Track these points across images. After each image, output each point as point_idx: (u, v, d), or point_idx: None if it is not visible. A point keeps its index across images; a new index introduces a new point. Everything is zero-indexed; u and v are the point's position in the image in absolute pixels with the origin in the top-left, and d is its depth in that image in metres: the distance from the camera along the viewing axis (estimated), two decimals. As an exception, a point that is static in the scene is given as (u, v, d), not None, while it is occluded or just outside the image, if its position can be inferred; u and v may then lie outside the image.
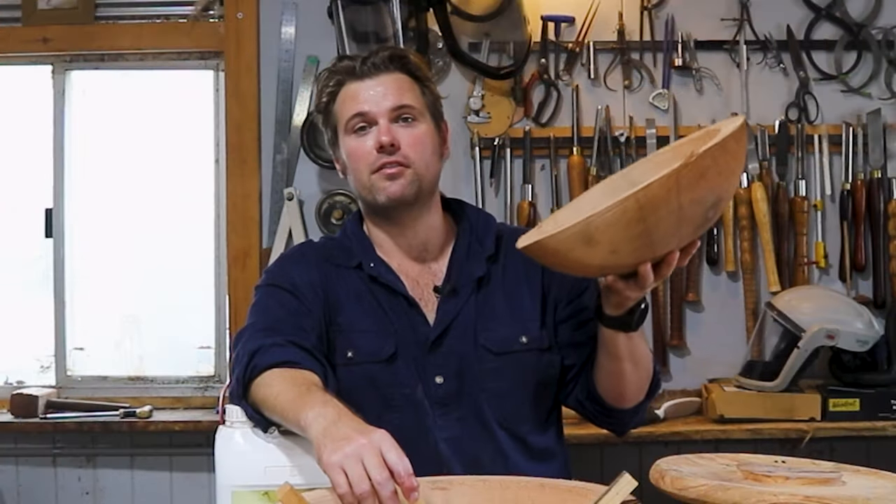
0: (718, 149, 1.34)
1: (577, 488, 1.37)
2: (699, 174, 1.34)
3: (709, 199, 1.39)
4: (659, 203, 1.34)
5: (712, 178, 1.36)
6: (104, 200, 3.39)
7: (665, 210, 1.35)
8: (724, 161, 1.36)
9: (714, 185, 1.37)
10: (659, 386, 1.81)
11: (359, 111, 1.74)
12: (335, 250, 1.84)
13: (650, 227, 1.37)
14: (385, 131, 1.73)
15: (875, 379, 2.93)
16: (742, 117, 1.44)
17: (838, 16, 3.17)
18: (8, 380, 3.37)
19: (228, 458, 1.46)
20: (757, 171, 3.16)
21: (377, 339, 1.75)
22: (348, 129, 1.76)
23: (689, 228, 1.42)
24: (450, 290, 1.78)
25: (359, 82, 1.76)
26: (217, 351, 3.34)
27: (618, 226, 1.36)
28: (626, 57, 3.20)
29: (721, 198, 1.42)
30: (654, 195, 1.33)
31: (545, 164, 3.22)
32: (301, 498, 1.27)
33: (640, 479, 1.26)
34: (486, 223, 1.86)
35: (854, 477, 1.33)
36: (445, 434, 1.73)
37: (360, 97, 1.75)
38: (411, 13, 3.09)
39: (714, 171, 1.35)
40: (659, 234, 1.39)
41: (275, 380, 1.57)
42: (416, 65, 1.80)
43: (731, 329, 3.18)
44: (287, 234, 3.18)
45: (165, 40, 3.29)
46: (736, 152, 1.39)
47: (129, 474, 3.28)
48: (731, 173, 1.40)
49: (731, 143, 1.36)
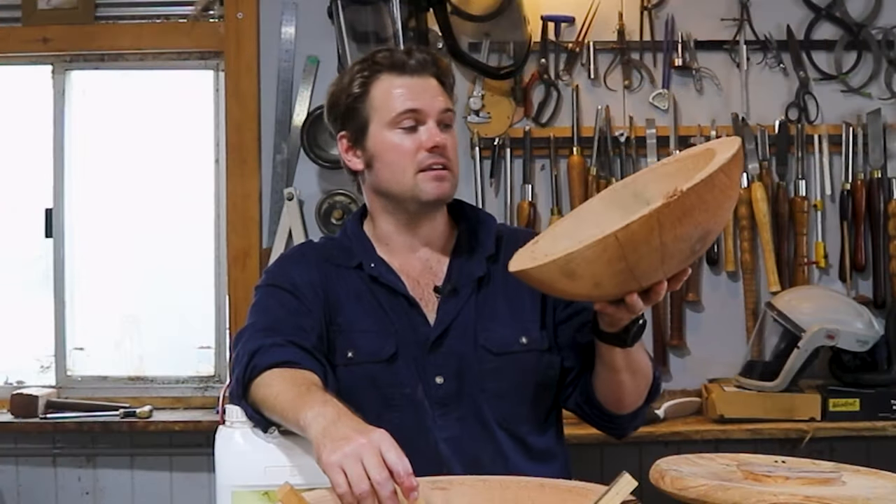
0: (704, 186, 1.31)
1: (577, 488, 1.37)
2: (682, 213, 1.31)
3: (694, 235, 1.36)
4: (639, 242, 1.33)
5: (697, 215, 1.33)
6: (104, 200, 3.39)
7: (646, 248, 1.34)
8: (712, 197, 1.33)
9: (700, 222, 1.35)
10: (659, 390, 1.81)
11: (413, 108, 1.74)
12: (335, 250, 1.84)
13: (632, 264, 1.36)
14: (438, 132, 1.74)
15: (875, 379, 2.93)
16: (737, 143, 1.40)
17: (838, 16, 3.17)
18: (8, 380, 3.38)
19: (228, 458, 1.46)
20: (757, 171, 3.16)
21: (377, 339, 1.75)
22: (394, 123, 1.75)
23: (674, 262, 1.41)
24: (450, 290, 1.78)
25: (408, 77, 1.75)
26: (217, 351, 3.34)
27: (598, 262, 1.35)
28: (626, 57, 3.20)
29: (709, 231, 1.39)
30: (635, 235, 1.31)
31: (545, 164, 3.22)
32: (301, 498, 1.27)
33: (640, 479, 1.26)
34: (486, 223, 1.86)
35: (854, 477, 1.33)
36: (445, 434, 1.73)
37: (410, 94, 1.74)
38: (411, 13, 3.09)
39: (700, 209, 1.33)
40: (642, 270, 1.39)
41: (274, 380, 1.57)
42: (448, 73, 1.82)
43: (731, 329, 3.18)
44: (287, 234, 3.18)
45: (165, 40, 3.29)
46: (726, 186, 1.36)
47: (129, 474, 3.28)
48: (719, 207, 1.37)
49: (719, 177, 1.33)
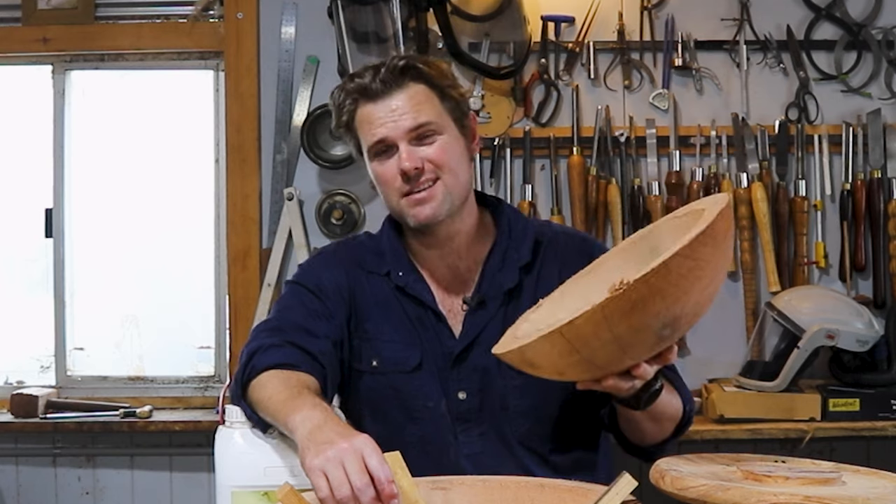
0: (656, 275, 1.22)
1: (577, 488, 1.37)
2: (630, 305, 1.23)
3: (655, 324, 1.27)
4: (588, 336, 1.26)
5: (655, 304, 1.24)
6: (104, 200, 3.39)
7: (598, 342, 1.27)
8: (670, 283, 1.23)
9: (659, 311, 1.26)
10: (689, 423, 1.75)
11: (378, 138, 1.69)
12: (369, 255, 1.81)
13: (587, 356, 1.29)
14: (407, 157, 1.67)
15: (875, 379, 2.93)
16: (712, 215, 1.25)
17: (838, 16, 3.17)
18: (8, 380, 3.38)
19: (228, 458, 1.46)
20: (757, 171, 3.16)
21: (403, 350, 1.73)
22: (371, 154, 1.71)
23: (640, 349, 1.33)
24: (478, 302, 1.74)
25: (372, 105, 1.69)
26: (217, 351, 3.34)
27: (551, 355, 1.30)
28: (626, 57, 3.19)
29: (678, 316, 1.28)
30: (581, 330, 1.25)
31: (545, 164, 3.22)
32: (301, 498, 1.27)
33: (640, 479, 1.26)
34: (523, 228, 1.79)
35: (854, 477, 1.33)
36: (467, 450, 1.71)
37: (375, 122, 1.68)
38: (411, 13, 3.08)
39: (656, 297, 1.23)
40: (602, 360, 1.32)
41: (270, 381, 1.56)
42: (429, 72, 1.71)
43: (731, 329, 3.18)
44: (287, 234, 3.18)
45: (165, 40, 3.29)
46: (690, 268, 1.24)
47: (129, 474, 3.28)
48: (684, 292, 1.26)
49: (676, 262, 1.22)
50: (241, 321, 3.19)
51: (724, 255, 1.31)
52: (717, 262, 1.29)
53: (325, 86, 3.22)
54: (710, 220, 1.25)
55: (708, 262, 1.26)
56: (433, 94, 1.70)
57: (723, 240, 1.29)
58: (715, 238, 1.26)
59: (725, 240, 1.30)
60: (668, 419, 1.70)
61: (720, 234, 1.27)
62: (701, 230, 1.24)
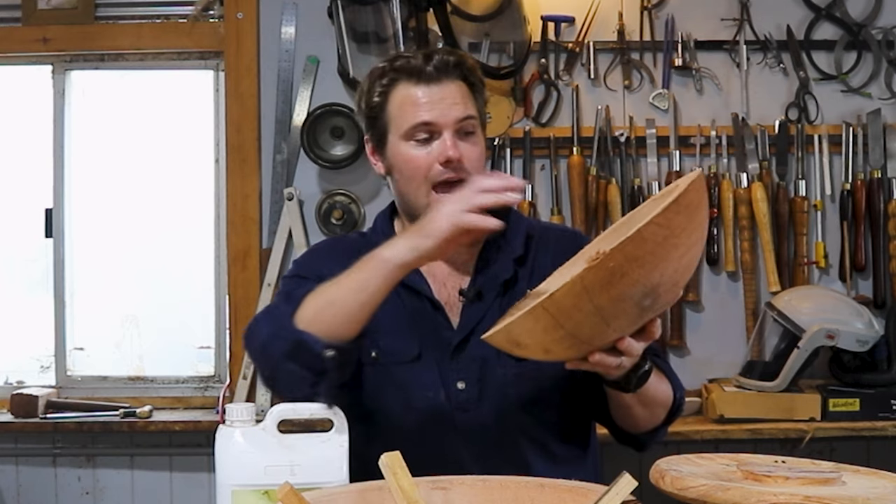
0: (631, 243, 1.24)
1: (577, 488, 1.37)
2: (609, 275, 1.25)
3: (635, 293, 1.29)
4: (570, 309, 1.28)
5: (633, 273, 1.26)
6: (104, 200, 3.39)
7: (580, 314, 1.29)
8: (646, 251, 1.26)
9: (638, 279, 1.27)
10: (680, 411, 1.77)
11: (425, 120, 1.68)
12: (364, 248, 1.78)
13: (571, 330, 1.31)
14: (452, 146, 1.67)
15: (875, 379, 2.93)
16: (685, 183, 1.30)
17: (838, 16, 3.17)
18: (8, 380, 3.38)
19: (228, 458, 1.46)
20: (757, 171, 3.16)
21: (402, 341, 1.73)
22: (407, 136, 1.69)
23: (624, 321, 1.35)
24: (475, 293, 1.75)
25: (424, 87, 1.68)
26: (217, 351, 3.34)
27: (536, 331, 1.32)
28: (626, 57, 3.20)
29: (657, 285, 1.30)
30: (561, 303, 1.27)
31: (545, 164, 3.22)
32: (301, 498, 1.27)
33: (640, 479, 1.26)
34: (516, 222, 1.81)
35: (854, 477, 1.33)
36: (466, 440, 1.71)
37: (424, 104, 1.68)
38: (411, 13, 3.09)
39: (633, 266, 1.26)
40: (586, 334, 1.33)
41: (321, 288, 1.58)
42: (474, 72, 1.74)
43: (731, 329, 3.18)
44: (287, 234, 3.19)
45: (165, 40, 3.29)
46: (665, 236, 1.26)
47: (129, 474, 3.28)
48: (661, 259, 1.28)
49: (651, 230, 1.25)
50: (241, 321, 3.19)
51: (699, 226, 1.34)
52: (692, 230, 1.32)
53: (325, 86, 3.22)
54: (682, 190, 1.28)
55: (683, 229, 1.30)
56: (473, 96, 1.73)
57: (696, 210, 1.32)
58: (688, 207, 1.29)
59: (699, 210, 1.33)
60: (659, 405, 1.72)
61: (693, 204, 1.30)
62: (673, 198, 1.27)
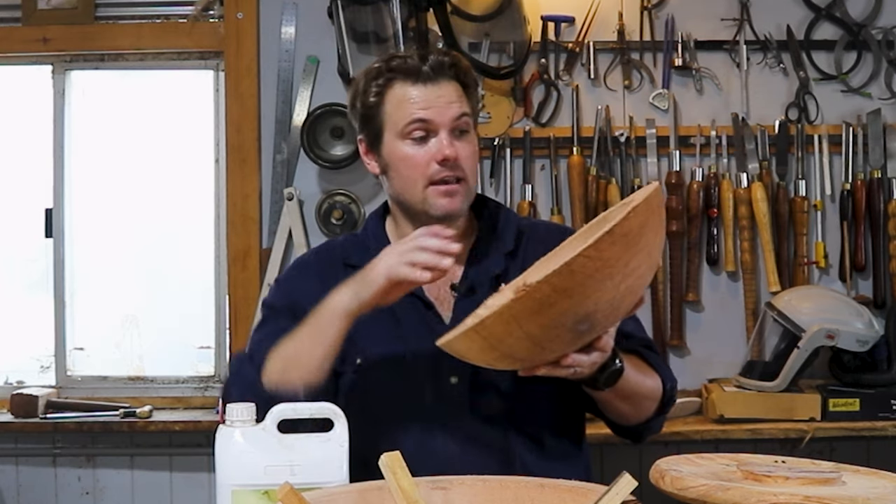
0: (558, 276, 1.24)
1: (577, 488, 1.37)
2: (537, 305, 1.25)
3: (567, 321, 1.29)
4: (501, 335, 1.29)
5: (562, 303, 1.26)
6: (104, 200, 3.39)
7: (512, 339, 1.30)
8: (576, 283, 1.25)
9: (567, 308, 1.27)
10: (671, 402, 1.78)
11: (421, 118, 1.70)
12: (353, 251, 1.83)
13: (506, 352, 1.32)
14: (449, 144, 1.70)
15: (875, 379, 2.93)
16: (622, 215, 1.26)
17: (838, 16, 3.17)
18: (8, 380, 3.38)
19: (228, 457, 1.46)
20: (757, 171, 3.16)
21: (386, 345, 1.74)
22: (404, 135, 1.72)
23: (559, 344, 1.35)
24: (467, 288, 1.76)
25: (420, 86, 1.71)
26: (217, 351, 3.34)
27: (472, 351, 1.34)
28: (626, 57, 3.20)
29: (592, 312, 1.30)
30: (492, 329, 1.29)
31: (545, 164, 3.22)
32: (301, 498, 1.27)
33: (640, 479, 1.26)
34: (506, 218, 1.84)
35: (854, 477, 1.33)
36: (459, 434, 1.72)
37: (420, 102, 1.71)
38: (411, 13, 3.08)
39: (563, 297, 1.25)
40: (522, 355, 1.35)
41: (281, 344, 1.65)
42: (468, 73, 1.77)
43: (731, 329, 3.18)
44: (287, 234, 3.19)
45: (165, 40, 3.29)
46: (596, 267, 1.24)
47: (129, 474, 3.28)
48: (594, 290, 1.26)
49: (579, 262, 1.23)
50: (241, 321, 3.19)
51: (643, 250, 1.31)
52: (632, 257, 1.30)
53: (325, 86, 3.22)
54: (617, 221, 1.26)
55: (618, 259, 1.28)
56: (465, 93, 1.76)
57: (636, 237, 1.29)
58: (625, 237, 1.27)
59: (641, 236, 1.30)
60: (645, 398, 1.72)
61: (632, 232, 1.28)
62: (606, 230, 1.25)
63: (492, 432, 1.73)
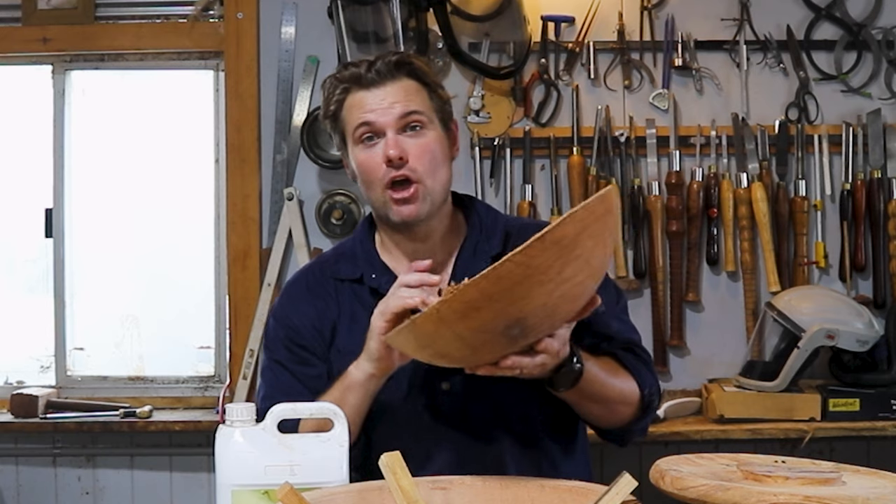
0: (486, 280, 1.23)
1: (577, 488, 1.37)
2: (465, 308, 1.25)
3: (497, 325, 1.29)
4: (431, 335, 1.30)
5: (490, 307, 1.25)
6: (104, 200, 3.39)
7: (442, 340, 1.30)
8: (505, 288, 1.23)
9: (497, 313, 1.26)
10: (652, 406, 1.76)
11: (365, 120, 1.72)
12: (341, 262, 1.83)
13: (439, 350, 1.33)
14: (393, 144, 1.70)
15: (875, 379, 2.93)
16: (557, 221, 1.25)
17: (838, 16, 3.17)
18: (8, 380, 3.38)
19: (228, 457, 1.46)
20: (757, 171, 3.16)
21: None
22: (356, 139, 1.74)
23: (492, 347, 1.35)
24: None
25: (365, 91, 1.73)
26: (217, 351, 3.34)
27: (409, 347, 1.36)
28: (626, 57, 3.20)
29: (525, 316, 1.28)
30: (423, 329, 1.30)
31: (545, 164, 3.22)
32: (301, 498, 1.27)
33: (640, 479, 1.26)
34: (493, 220, 1.84)
35: (854, 477, 1.33)
36: (453, 440, 1.72)
37: (365, 106, 1.72)
38: (411, 13, 3.09)
39: (494, 301, 1.24)
40: (456, 356, 1.35)
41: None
42: (422, 69, 1.76)
43: (731, 329, 3.18)
44: (287, 234, 3.19)
45: (165, 40, 3.29)
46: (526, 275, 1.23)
47: (129, 474, 3.28)
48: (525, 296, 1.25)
49: (507, 268, 1.22)
50: (241, 321, 3.19)
51: (579, 259, 1.28)
52: (565, 266, 1.27)
53: (325, 86, 3.22)
54: (549, 228, 1.25)
55: (550, 266, 1.26)
56: (423, 90, 1.75)
57: (573, 243, 1.26)
58: (558, 243, 1.25)
59: (578, 243, 1.27)
60: (618, 402, 1.71)
61: (567, 237, 1.26)
62: (537, 237, 1.24)
63: (485, 437, 1.73)
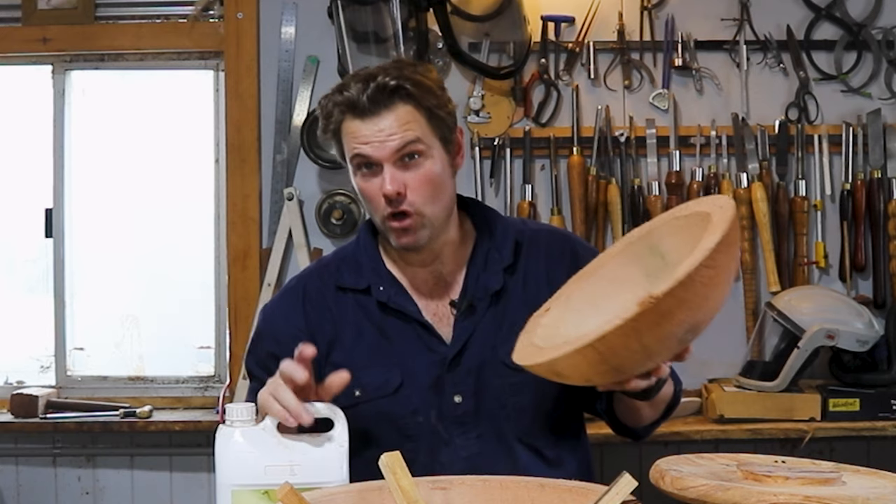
0: (682, 287, 1.25)
1: (577, 488, 1.37)
2: (659, 317, 1.27)
3: (678, 332, 1.31)
4: (619, 348, 1.30)
5: (679, 314, 1.28)
6: (104, 200, 3.39)
7: (626, 352, 1.31)
8: (693, 293, 1.27)
9: (683, 319, 1.29)
10: (678, 402, 1.80)
11: (360, 153, 1.66)
12: (345, 269, 1.77)
13: (615, 365, 1.34)
14: (390, 180, 1.63)
15: (875, 379, 2.93)
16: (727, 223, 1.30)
17: (838, 16, 3.17)
18: (8, 380, 3.38)
19: (228, 457, 1.46)
20: (757, 171, 3.16)
21: (381, 373, 1.71)
22: (354, 169, 1.69)
23: (662, 355, 1.38)
24: (467, 305, 1.72)
25: (359, 121, 1.65)
26: (217, 351, 3.34)
27: (581, 367, 1.34)
28: (626, 57, 3.20)
29: (699, 322, 1.33)
30: (612, 343, 1.29)
31: (545, 164, 3.22)
32: (301, 498, 1.27)
33: (640, 479, 1.26)
34: (504, 230, 1.78)
35: (854, 477, 1.33)
36: (464, 453, 1.70)
37: (360, 138, 1.65)
38: (411, 13, 3.09)
39: (682, 308, 1.27)
40: (628, 368, 1.37)
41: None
42: (419, 91, 1.65)
43: (731, 329, 3.18)
44: (287, 234, 3.19)
45: (165, 40, 3.29)
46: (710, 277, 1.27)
47: (129, 474, 3.28)
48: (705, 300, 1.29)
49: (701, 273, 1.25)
50: (241, 321, 3.19)
51: (735, 259, 1.37)
52: (731, 266, 1.34)
53: (325, 86, 3.20)
54: (726, 229, 1.29)
55: (724, 267, 1.31)
56: (420, 114, 1.66)
57: (734, 245, 1.34)
58: (729, 245, 1.30)
59: (736, 244, 1.35)
60: (663, 402, 1.75)
61: (733, 240, 1.32)
62: (719, 240, 1.28)
63: (499, 447, 1.72)
